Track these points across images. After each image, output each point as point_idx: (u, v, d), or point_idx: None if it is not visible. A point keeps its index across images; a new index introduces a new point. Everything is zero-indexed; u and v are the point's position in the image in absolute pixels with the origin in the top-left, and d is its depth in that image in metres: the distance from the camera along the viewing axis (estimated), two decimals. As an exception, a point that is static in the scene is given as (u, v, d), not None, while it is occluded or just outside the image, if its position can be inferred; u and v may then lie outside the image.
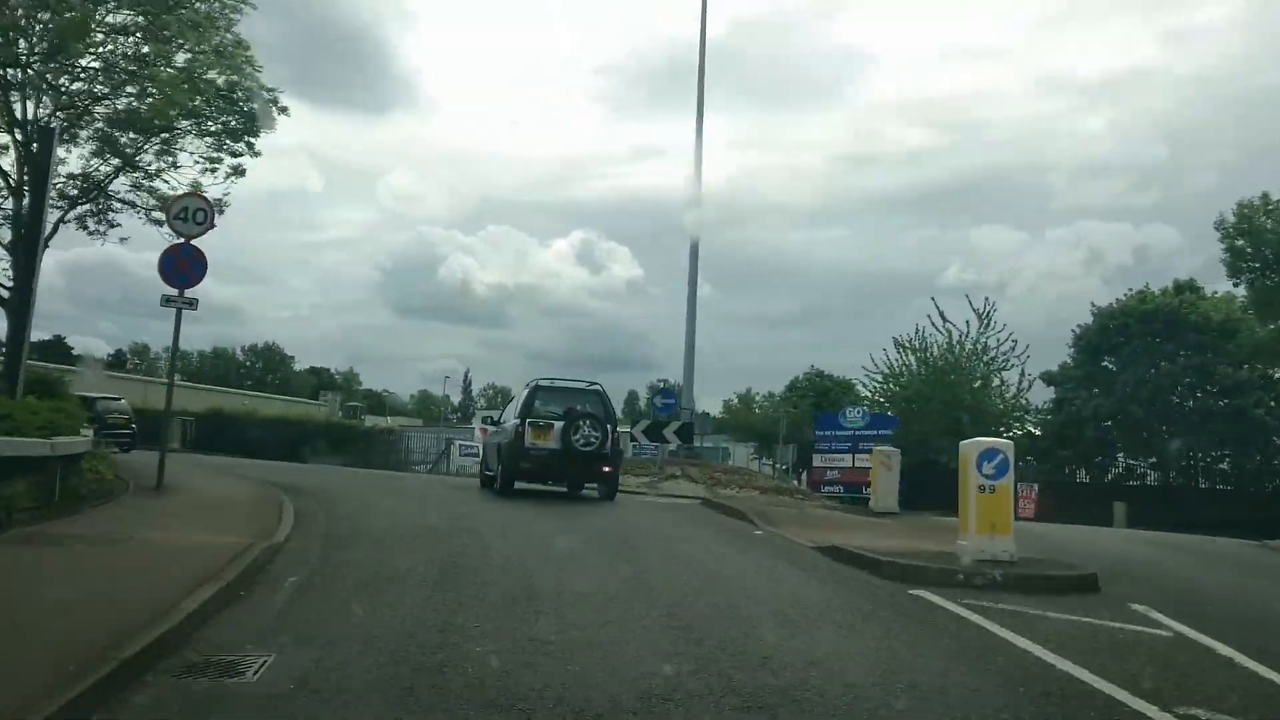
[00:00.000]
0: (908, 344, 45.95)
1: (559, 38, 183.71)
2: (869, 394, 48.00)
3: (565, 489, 19.93)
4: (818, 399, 63.01)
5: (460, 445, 42.79)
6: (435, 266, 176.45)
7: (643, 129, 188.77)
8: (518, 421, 18.46)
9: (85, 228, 25.12)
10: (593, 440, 17.94)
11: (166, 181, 24.67)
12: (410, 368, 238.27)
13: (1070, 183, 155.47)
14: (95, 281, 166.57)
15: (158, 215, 23.91)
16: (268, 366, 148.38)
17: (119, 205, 25.09)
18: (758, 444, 64.18)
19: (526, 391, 19.45)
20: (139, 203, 25.06)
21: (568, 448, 17.85)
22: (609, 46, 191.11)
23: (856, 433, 34.76)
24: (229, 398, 72.49)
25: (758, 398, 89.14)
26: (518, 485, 19.17)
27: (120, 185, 24.93)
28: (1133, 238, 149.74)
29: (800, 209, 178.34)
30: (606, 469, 18.62)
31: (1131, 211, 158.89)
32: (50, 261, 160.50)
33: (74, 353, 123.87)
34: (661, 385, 30.36)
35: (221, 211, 23.04)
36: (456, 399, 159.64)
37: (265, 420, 44.23)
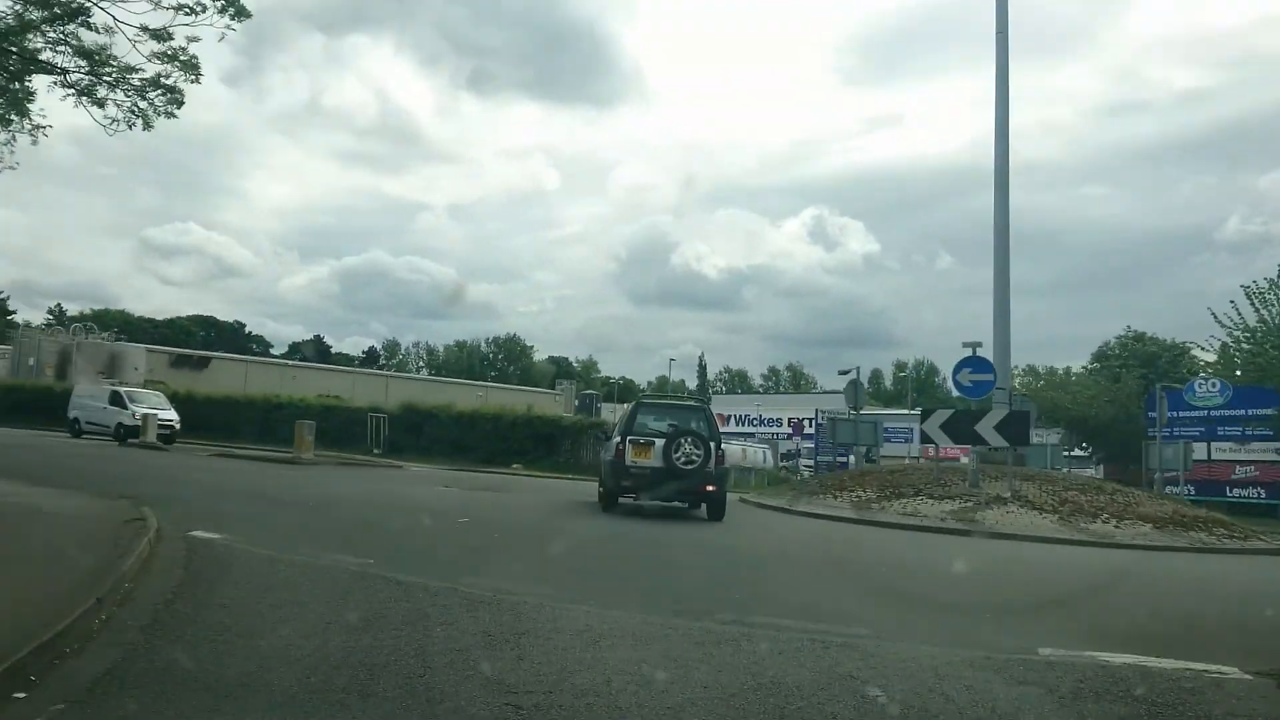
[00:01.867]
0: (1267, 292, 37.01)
1: (781, 13, 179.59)
2: (1213, 362, 38.96)
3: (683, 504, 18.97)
4: (1143, 370, 49.83)
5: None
6: (668, 254, 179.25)
7: (874, 98, 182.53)
8: (619, 439, 18.22)
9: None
10: (694, 458, 17.43)
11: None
12: (649, 355, 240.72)
13: None
14: (364, 286, 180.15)
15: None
16: (509, 357, 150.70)
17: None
18: (1063, 432, 50.06)
19: (629, 409, 19.41)
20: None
21: (670, 466, 17.40)
22: (833, 15, 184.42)
23: (1213, 412, 27.90)
24: (455, 390, 71.49)
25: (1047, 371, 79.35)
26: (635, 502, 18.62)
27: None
28: None
29: (1054, 168, 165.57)
30: (710, 488, 17.87)
31: None
32: (324, 270, 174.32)
33: (332, 351, 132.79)
34: (972, 353, 21.79)
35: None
36: (692, 383, 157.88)
37: (459, 416, 40.55)
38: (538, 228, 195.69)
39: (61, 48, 17.84)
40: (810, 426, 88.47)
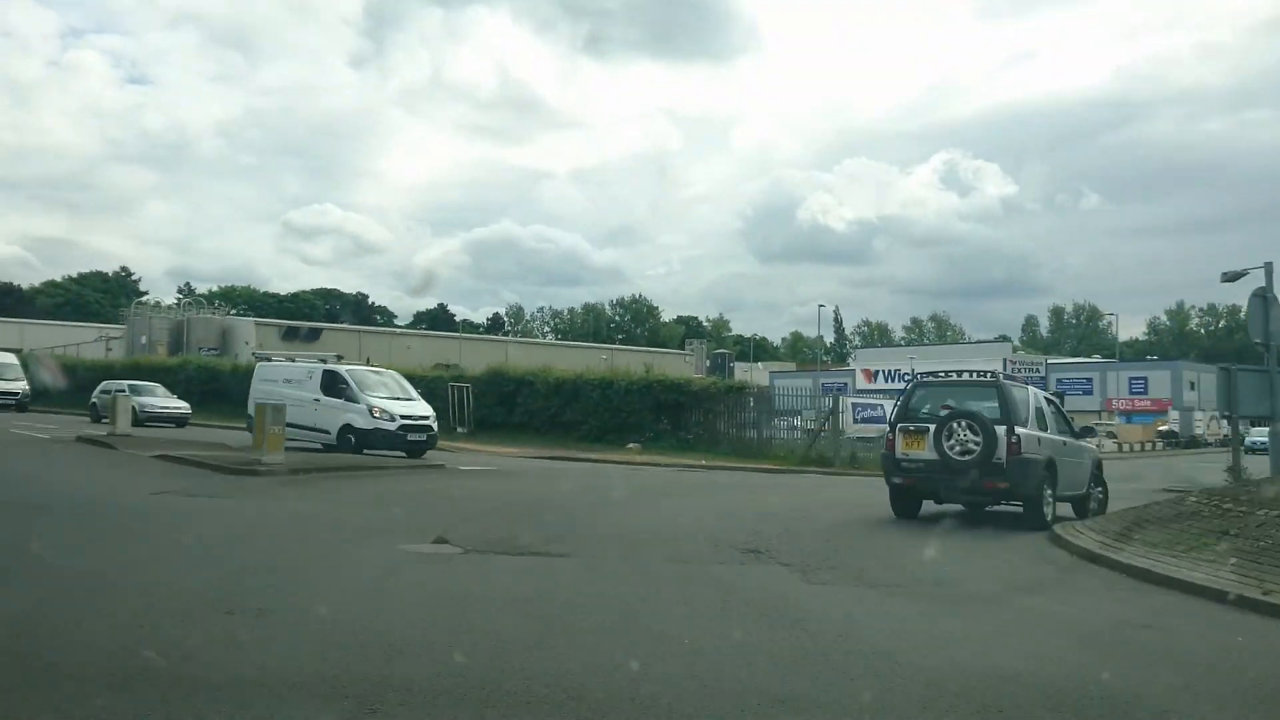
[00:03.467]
0: None
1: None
2: None
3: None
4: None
5: (857, 407, 28.32)
6: (794, 208, 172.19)
7: (1007, 32, 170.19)
8: (887, 427, 16.32)
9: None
10: (971, 447, 13.53)
11: None
12: (779, 313, 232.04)
13: None
14: (493, 256, 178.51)
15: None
16: (636, 319, 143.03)
17: None
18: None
19: (907, 389, 16.29)
20: None
21: (943, 458, 13.72)
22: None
23: None
24: (578, 354, 63.73)
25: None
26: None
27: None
28: None
29: (1214, 95, 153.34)
30: (1000, 484, 13.70)
31: None
32: (454, 243, 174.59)
33: (456, 319, 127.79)
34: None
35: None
36: (829, 338, 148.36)
37: (559, 383, 31.93)
38: (662, 189, 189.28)
39: None
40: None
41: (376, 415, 22.01)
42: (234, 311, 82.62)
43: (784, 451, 29.54)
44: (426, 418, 23.28)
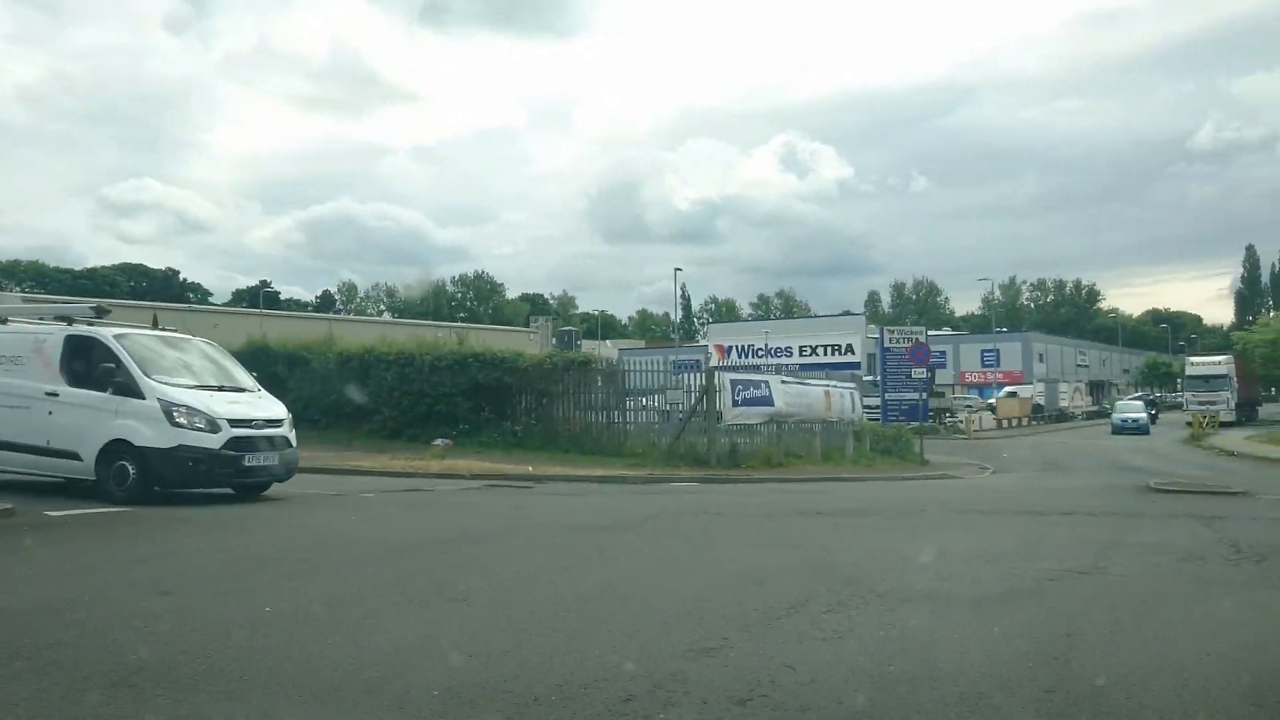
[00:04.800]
0: None
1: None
2: None
3: None
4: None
5: (736, 386, 21.10)
6: (639, 188, 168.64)
7: (841, 19, 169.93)
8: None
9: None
10: None
11: None
12: (626, 291, 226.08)
13: None
14: (331, 235, 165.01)
15: None
16: (478, 296, 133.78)
17: None
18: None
19: None
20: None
21: None
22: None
23: None
24: (412, 332, 54.73)
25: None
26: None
27: None
28: None
29: (1034, 82, 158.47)
30: None
31: None
32: (289, 220, 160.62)
33: (281, 297, 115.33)
34: None
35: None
36: (675, 316, 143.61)
37: (345, 359, 23.60)
38: (507, 167, 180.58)
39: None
40: (852, 354, 72.80)
41: (180, 421, 11.90)
42: (19, 289, 69.63)
43: (643, 446, 22.15)
44: (277, 422, 12.95)
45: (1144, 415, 43.40)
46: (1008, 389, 59.35)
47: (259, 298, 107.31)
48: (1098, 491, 17.64)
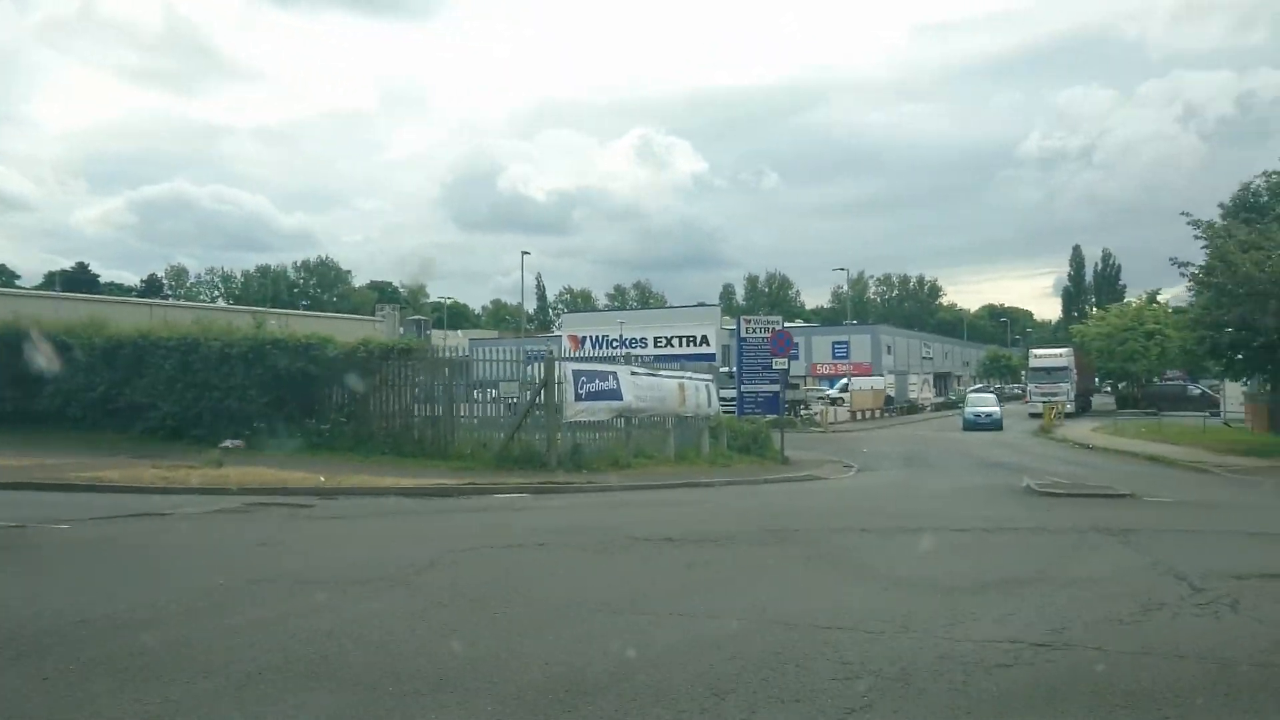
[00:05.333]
0: None
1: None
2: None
3: None
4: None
5: (580, 377, 18.36)
6: (495, 177, 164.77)
7: (697, 15, 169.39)
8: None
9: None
10: None
11: None
12: (482, 281, 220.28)
13: (1167, 29, 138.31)
14: (166, 218, 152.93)
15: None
16: (322, 283, 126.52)
17: None
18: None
19: None
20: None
21: None
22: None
23: None
24: (244, 320, 49.37)
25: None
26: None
27: None
28: (1235, 86, 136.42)
29: (879, 87, 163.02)
30: None
31: (1234, 55, 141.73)
32: (119, 201, 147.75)
33: (99, 280, 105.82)
34: None
35: None
36: (531, 306, 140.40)
37: (112, 346, 19.62)
38: (358, 152, 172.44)
39: None
40: (707, 345, 70.91)
41: None
42: None
43: (472, 447, 19.12)
44: None
45: (997, 410, 41.38)
46: (842, 381, 58.58)
47: (76, 282, 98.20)
48: (978, 496, 15.67)
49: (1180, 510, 14.08)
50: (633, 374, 20.74)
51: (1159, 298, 61.76)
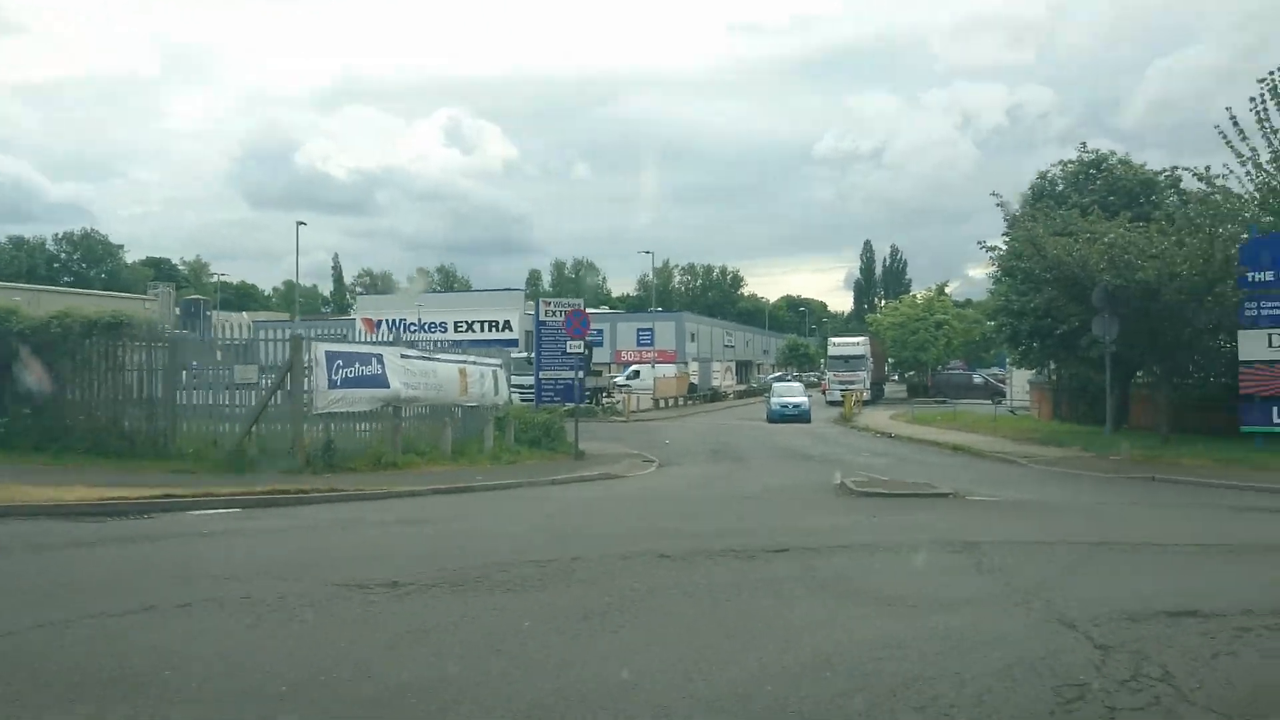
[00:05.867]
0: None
1: None
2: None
3: None
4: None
5: (334, 360, 15.13)
6: (292, 153, 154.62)
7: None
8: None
9: None
10: None
11: None
12: (276, 262, 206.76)
13: (948, 42, 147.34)
14: None
15: None
16: (89, 259, 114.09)
17: None
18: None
19: None
20: None
21: None
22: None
23: None
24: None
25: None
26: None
27: None
28: (1006, 99, 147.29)
29: (690, 81, 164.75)
30: None
31: (1006, 71, 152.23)
32: None
33: None
34: None
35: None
36: (326, 288, 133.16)
37: None
38: (136, 118, 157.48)
39: None
40: (510, 330, 67.54)
41: None
42: None
43: (198, 445, 15.55)
44: None
45: (805, 400, 38.40)
46: (633, 367, 57.01)
47: None
48: (793, 499, 13.67)
49: (1011, 513, 12.51)
50: (403, 357, 17.66)
51: (946, 289, 63.70)
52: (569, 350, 21.79)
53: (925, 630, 5.92)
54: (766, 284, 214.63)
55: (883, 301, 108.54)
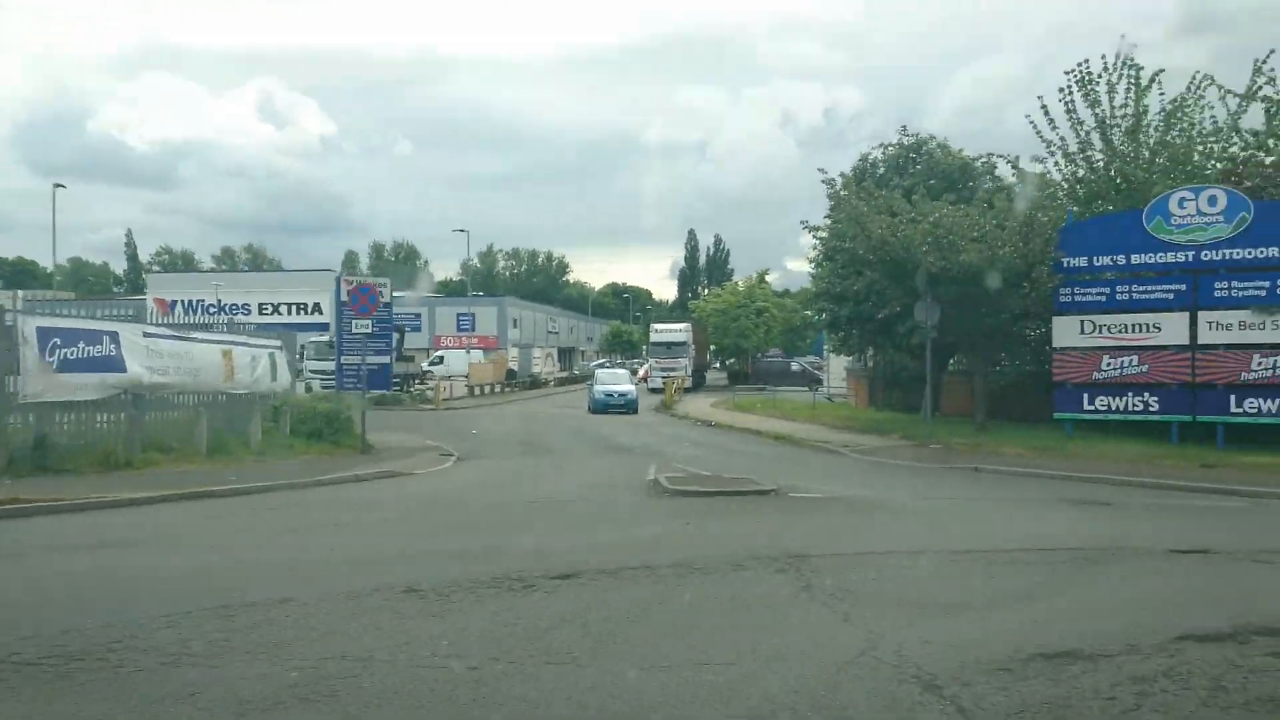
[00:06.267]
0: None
1: None
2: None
3: None
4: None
5: (47, 339, 12.24)
6: (84, 120, 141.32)
7: None
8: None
9: None
10: None
11: None
12: (65, 236, 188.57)
13: (770, 41, 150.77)
14: None
15: None
16: None
17: None
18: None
19: None
20: None
21: None
22: None
23: (1204, 254, 18.28)
24: None
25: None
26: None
27: None
28: (823, 99, 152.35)
29: (520, 64, 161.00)
30: None
31: (823, 72, 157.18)
32: None
33: None
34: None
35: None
36: (119, 266, 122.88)
37: None
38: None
39: None
40: (320, 313, 62.97)
41: None
42: None
43: None
44: None
45: (632, 389, 35.02)
46: (438, 352, 54.31)
47: None
48: (599, 501, 11.90)
49: (838, 514, 11.14)
50: (146, 336, 14.80)
51: (767, 278, 63.94)
52: (355, 330, 19.23)
53: (744, 711, 4.20)
54: (593, 272, 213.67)
55: (706, 291, 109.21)
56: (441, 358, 51.29)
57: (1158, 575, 7.69)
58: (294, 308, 67.38)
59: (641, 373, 50.44)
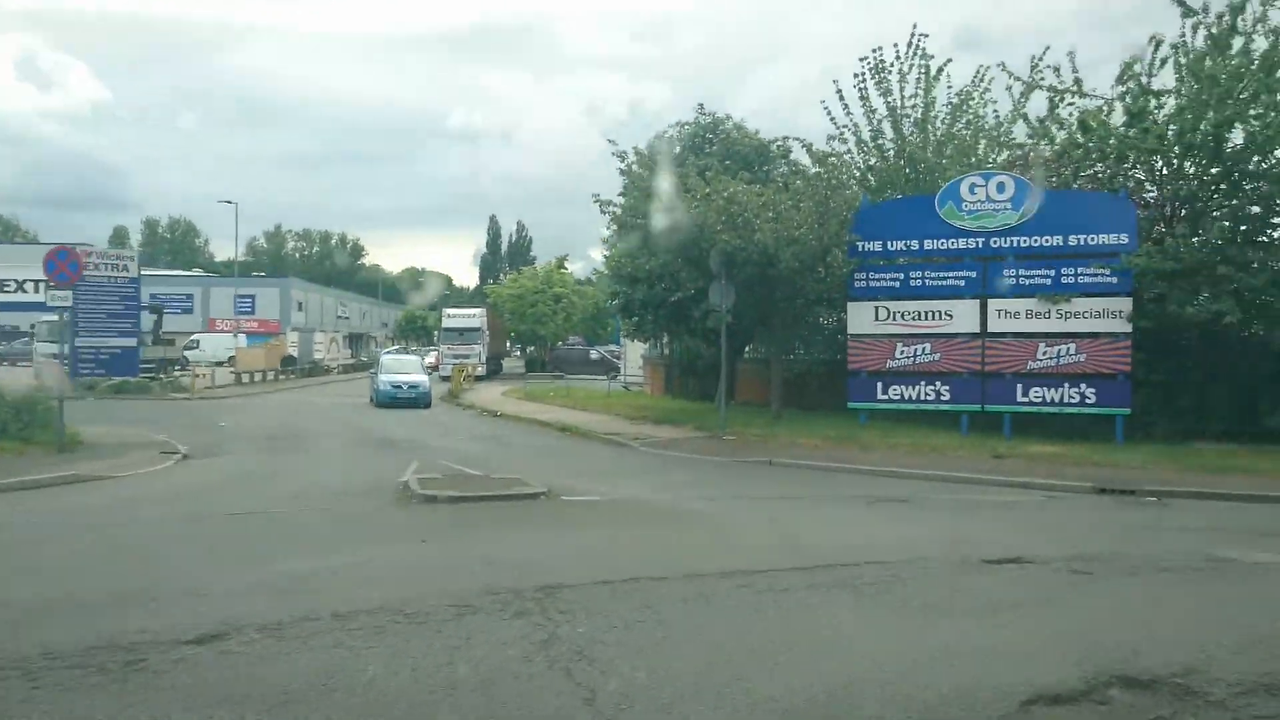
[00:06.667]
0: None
1: None
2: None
3: None
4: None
5: None
6: None
7: None
8: None
9: None
10: None
11: None
12: None
13: (577, 30, 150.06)
14: None
15: None
16: None
17: None
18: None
19: None
20: None
21: None
22: None
23: (993, 240, 18.08)
24: None
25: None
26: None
27: None
28: (629, 91, 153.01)
29: (315, 38, 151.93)
30: None
31: (629, 64, 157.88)
32: None
33: None
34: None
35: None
36: None
37: None
38: None
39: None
40: (39, 291, 55.69)
41: None
42: None
43: None
44: None
45: (424, 379, 30.84)
46: (194, 336, 49.69)
47: None
48: (318, 515, 9.68)
49: (610, 523, 9.45)
50: None
51: (566, 264, 62.27)
52: (51, 304, 15.93)
53: None
54: (393, 256, 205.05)
55: (506, 276, 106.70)
56: (197, 341, 46.51)
57: (978, 597, 6.41)
58: (38, 285, 59.98)
59: (432, 359, 47.48)
